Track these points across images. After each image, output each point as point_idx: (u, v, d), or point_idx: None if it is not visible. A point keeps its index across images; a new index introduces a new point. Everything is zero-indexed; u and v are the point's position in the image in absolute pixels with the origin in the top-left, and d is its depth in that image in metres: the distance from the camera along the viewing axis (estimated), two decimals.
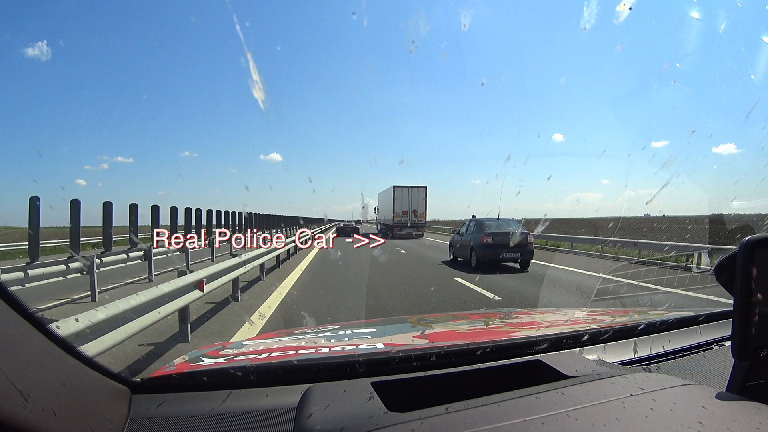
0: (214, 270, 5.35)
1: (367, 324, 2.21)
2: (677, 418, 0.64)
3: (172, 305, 3.93)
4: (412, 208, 26.69)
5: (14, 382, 0.51)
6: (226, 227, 16.47)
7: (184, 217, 12.74)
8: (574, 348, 1.10)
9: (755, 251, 0.74)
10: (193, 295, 4.49)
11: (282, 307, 5.90)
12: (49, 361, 0.64)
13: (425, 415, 0.68)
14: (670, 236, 12.78)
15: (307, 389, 0.83)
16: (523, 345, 1.07)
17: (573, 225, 18.36)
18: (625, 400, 0.70)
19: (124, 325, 2.98)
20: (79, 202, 7.83)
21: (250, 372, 0.92)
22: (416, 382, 0.90)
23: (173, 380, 0.96)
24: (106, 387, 0.77)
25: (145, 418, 0.77)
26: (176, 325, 4.41)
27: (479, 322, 1.95)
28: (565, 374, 0.87)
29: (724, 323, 1.29)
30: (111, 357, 3.14)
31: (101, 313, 2.68)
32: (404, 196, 26.64)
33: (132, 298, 3.21)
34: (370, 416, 0.70)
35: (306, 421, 0.72)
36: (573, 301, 6.14)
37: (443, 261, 12.00)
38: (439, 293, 7.14)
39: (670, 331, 1.25)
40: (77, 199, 7.82)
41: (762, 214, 7.37)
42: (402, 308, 5.86)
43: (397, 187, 26.80)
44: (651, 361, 1.10)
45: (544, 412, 0.67)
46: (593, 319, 1.76)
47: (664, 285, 6.76)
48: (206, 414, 0.79)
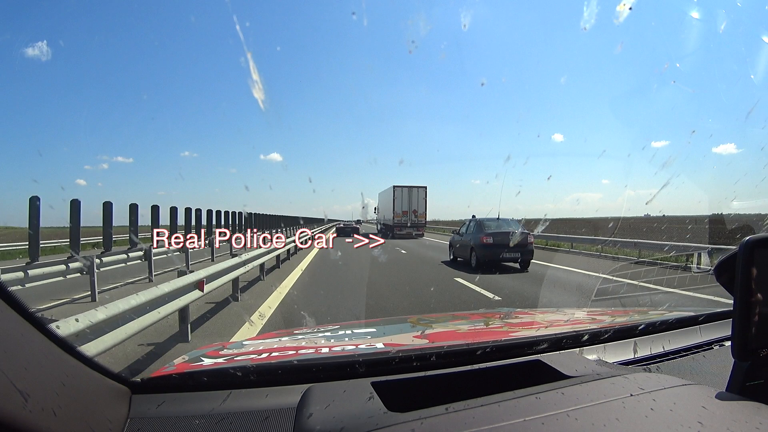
0: (213, 270, 5.34)
1: (367, 324, 2.21)
2: (677, 418, 0.64)
3: (172, 305, 3.93)
4: (412, 208, 26.79)
5: (14, 382, 0.51)
6: (226, 227, 16.47)
7: (184, 217, 12.77)
8: (574, 348, 1.10)
9: (755, 251, 0.74)
10: (193, 295, 4.49)
11: (282, 307, 5.91)
12: (49, 361, 0.64)
13: (425, 415, 0.68)
14: (670, 236, 12.78)
15: (307, 389, 0.83)
16: (523, 345, 1.07)
17: (573, 225, 18.35)
18: (625, 400, 0.70)
19: (124, 325, 2.98)
20: (79, 202, 7.81)
21: (250, 372, 0.92)
22: (416, 382, 0.90)
23: (173, 380, 0.96)
24: (106, 387, 0.77)
25: (145, 418, 0.77)
26: (176, 324, 4.41)
27: (479, 322, 1.95)
28: (565, 374, 0.87)
29: (724, 323, 1.29)
30: (111, 357, 3.14)
31: (101, 313, 2.68)
32: (404, 196, 26.77)
33: (132, 298, 3.21)
34: (370, 416, 0.70)
35: (306, 421, 0.72)
36: (573, 301, 6.14)
37: (443, 261, 12.00)
38: (439, 293, 7.14)
39: (670, 331, 1.25)
40: (77, 199, 7.82)
41: (762, 214, 7.37)
42: (402, 308, 5.87)
43: (397, 187, 26.92)
44: (651, 361, 1.10)
45: (544, 412, 0.67)
46: (593, 319, 1.76)
47: (664, 285, 6.76)
48: (206, 414, 0.78)
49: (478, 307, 5.91)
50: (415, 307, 5.93)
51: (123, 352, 3.54)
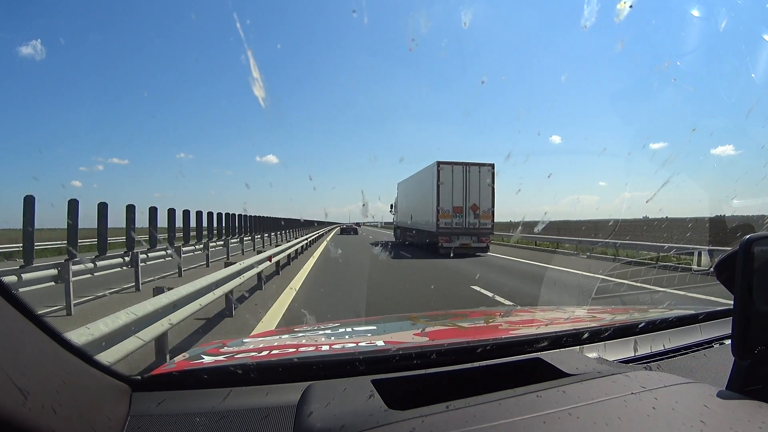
0: (190, 290, 4.12)
1: (367, 321, 2.21)
2: (679, 416, 0.64)
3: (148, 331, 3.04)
4: (471, 202, 15.61)
5: (14, 379, 0.51)
6: (220, 229, 16.37)
7: (182, 219, 12.75)
8: (574, 346, 1.10)
9: (755, 249, 0.74)
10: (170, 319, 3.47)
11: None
12: (49, 358, 0.64)
13: (426, 412, 0.68)
14: (671, 236, 12.77)
15: (307, 387, 0.83)
16: (524, 343, 1.08)
17: (573, 226, 18.34)
18: (627, 398, 0.70)
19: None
20: (77, 201, 7.61)
21: (250, 370, 0.92)
22: (417, 380, 0.90)
23: (174, 378, 0.96)
24: (106, 385, 0.77)
25: (145, 415, 0.77)
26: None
27: (479, 319, 1.95)
28: (565, 372, 0.87)
29: (725, 321, 1.29)
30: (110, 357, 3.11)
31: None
32: (457, 180, 15.63)
33: (121, 314, 2.69)
34: (371, 414, 0.70)
35: (306, 419, 0.72)
36: (573, 301, 6.13)
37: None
38: None
39: (671, 330, 1.25)
40: (75, 198, 7.67)
41: (763, 214, 7.36)
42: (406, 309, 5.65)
43: (445, 165, 15.64)
44: (651, 359, 1.10)
45: (546, 410, 0.67)
46: (593, 317, 1.76)
47: (664, 285, 6.75)
48: (207, 412, 0.79)
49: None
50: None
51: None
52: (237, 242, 16.64)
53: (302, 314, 5.51)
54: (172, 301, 3.57)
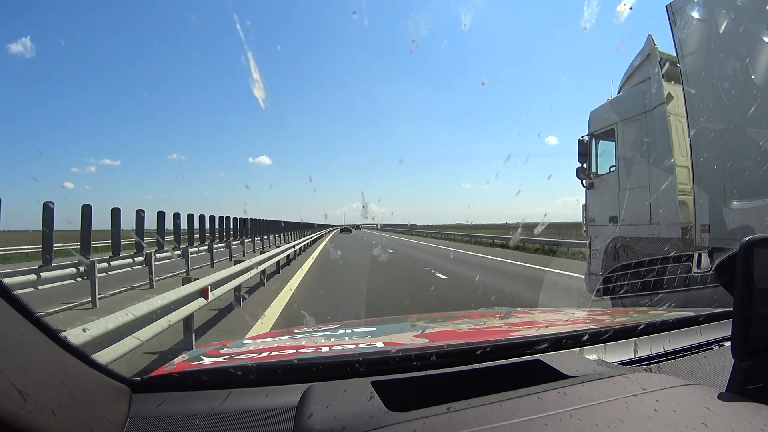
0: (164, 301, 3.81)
1: (367, 323, 2.20)
2: (681, 418, 0.64)
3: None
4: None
5: (13, 381, 0.51)
6: (212, 232, 16.46)
7: (172, 221, 12.78)
8: (574, 348, 1.10)
9: (755, 251, 0.74)
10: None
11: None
12: (49, 360, 0.64)
13: (427, 414, 0.68)
14: None
15: (307, 389, 0.83)
16: (524, 345, 1.07)
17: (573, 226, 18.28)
18: (628, 400, 0.70)
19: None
20: (90, 207, 8.17)
21: (250, 371, 0.92)
22: (416, 382, 0.90)
23: (173, 379, 0.96)
24: (105, 386, 0.77)
25: (145, 417, 0.77)
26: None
27: (479, 321, 1.95)
28: (565, 374, 0.87)
29: (725, 323, 1.28)
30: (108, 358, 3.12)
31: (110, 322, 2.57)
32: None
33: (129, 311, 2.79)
34: (371, 416, 0.70)
35: (306, 420, 0.72)
36: (572, 303, 6.12)
37: None
38: None
39: (671, 331, 1.25)
40: (89, 204, 8.15)
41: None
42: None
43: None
44: (651, 361, 1.10)
45: (547, 412, 0.67)
46: (593, 318, 1.76)
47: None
48: (206, 413, 0.78)
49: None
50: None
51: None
52: (225, 246, 16.69)
53: (304, 304, 5.94)
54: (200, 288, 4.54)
